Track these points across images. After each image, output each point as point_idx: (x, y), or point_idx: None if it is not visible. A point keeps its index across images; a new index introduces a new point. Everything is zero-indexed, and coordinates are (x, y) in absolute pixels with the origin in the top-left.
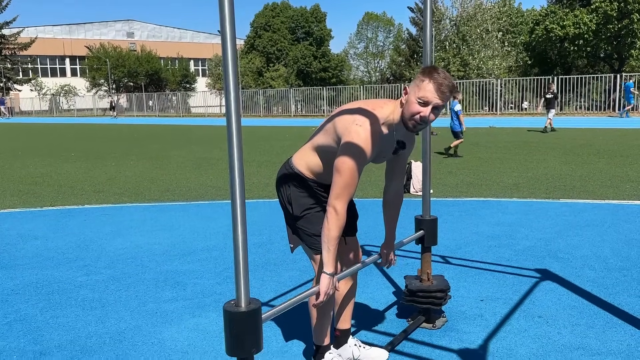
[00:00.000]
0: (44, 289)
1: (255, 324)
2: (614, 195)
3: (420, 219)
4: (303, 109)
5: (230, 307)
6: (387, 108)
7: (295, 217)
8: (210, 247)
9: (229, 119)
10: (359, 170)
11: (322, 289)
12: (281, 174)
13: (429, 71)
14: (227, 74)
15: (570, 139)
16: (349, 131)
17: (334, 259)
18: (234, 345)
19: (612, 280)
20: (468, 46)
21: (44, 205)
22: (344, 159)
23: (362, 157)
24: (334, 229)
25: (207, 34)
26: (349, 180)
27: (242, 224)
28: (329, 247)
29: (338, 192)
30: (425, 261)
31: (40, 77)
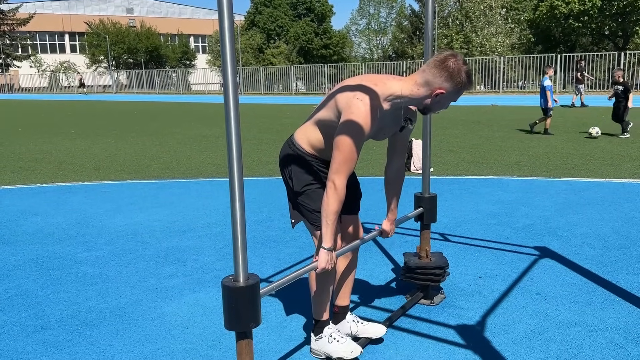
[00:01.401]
0: (44, 264)
1: (253, 298)
2: (615, 173)
3: (419, 196)
4: (304, 87)
5: (228, 282)
6: (392, 84)
7: (296, 193)
8: (210, 224)
9: (227, 95)
10: (359, 145)
11: (320, 264)
12: (284, 151)
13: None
14: (225, 51)
15: (572, 117)
16: (349, 105)
17: (332, 234)
18: (232, 320)
19: (611, 258)
20: (471, 23)
21: (44, 182)
22: (344, 134)
23: (362, 133)
24: (333, 204)
25: (207, 9)
26: (348, 155)
27: (240, 198)
28: (327, 221)
29: (337, 167)
30: (424, 238)
31: (40, 54)
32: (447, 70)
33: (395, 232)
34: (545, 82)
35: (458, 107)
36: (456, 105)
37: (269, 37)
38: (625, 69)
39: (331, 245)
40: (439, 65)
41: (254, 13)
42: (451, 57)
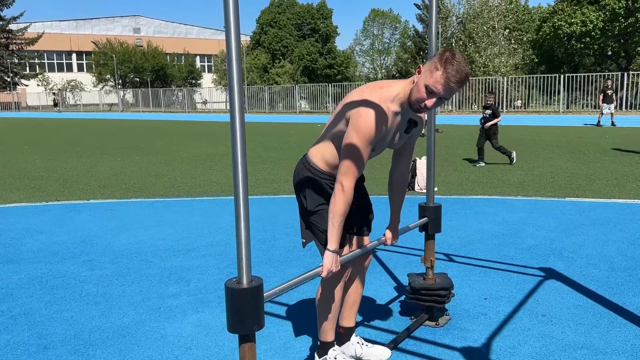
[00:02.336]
0: (48, 283)
1: (256, 301)
2: (620, 194)
3: (424, 206)
4: (308, 106)
5: (232, 284)
6: (396, 87)
7: (309, 212)
8: (214, 242)
9: (232, 112)
10: (367, 147)
11: (325, 266)
12: (298, 169)
13: (445, 60)
14: (231, 70)
15: (576, 137)
16: (357, 110)
17: (338, 235)
18: (235, 322)
19: (617, 279)
20: (474, 43)
21: (50, 200)
22: (352, 136)
23: (370, 134)
24: (340, 204)
25: (213, 30)
26: (356, 156)
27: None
28: (333, 222)
29: (346, 168)
30: (428, 249)
31: (47, 72)
32: (438, 55)
33: (400, 252)
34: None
35: (462, 127)
36: (460, 125)
37: (273, 57)
38: (629, 89)
39: (336, 247)
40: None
41: (260, 33)
42: (450, 50)
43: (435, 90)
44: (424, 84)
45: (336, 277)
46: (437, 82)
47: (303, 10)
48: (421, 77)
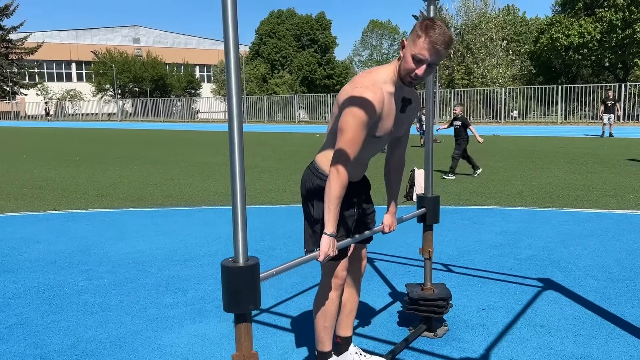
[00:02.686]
0: (45, 292)
1: (253, 279)
2: (618, 205)
3: (422, 196)
4: (307, 116)
5: (228, 263)
6: (385, 69)
7: (315, 220)
8: (212, 252)
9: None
10: (362, 129)
11: (322, 249)
12: (305, 175)
13: (425, 26)
14: (230, 80)
15: (574, 148)
16: (349, 95)
17: (334, 219)
18: (232, 302)
19: (615, 290)
20: (472, 55)
21: (47, 209)
22: (346, 118)
23: (364, 116)
24: (335, 188)
25: (212, 40)
26: (351, 138)
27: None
28: (329, 206)
29: (340, 152)
30: (427, 240)
31: (47, 82)
32: (418, 24)
33: (398, 262)
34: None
35: None
36: None
37: (272, 67)
38: (627, 100)
39: (333, 231)
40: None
41: (259, 44)
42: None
43: (422, 58)
44: (410, 54)
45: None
46: (422, 49)
47: (302, 21)
48: (406, 50)
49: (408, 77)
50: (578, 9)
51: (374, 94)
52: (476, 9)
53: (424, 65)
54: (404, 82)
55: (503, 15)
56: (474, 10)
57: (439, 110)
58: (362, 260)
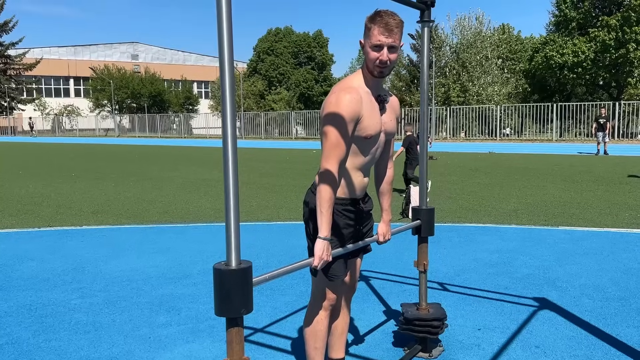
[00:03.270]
0: (37, 311)
1: (245, 283)
2: (613, 223)
3: (417, 208)
4: (304, 132)
5: (220, 266)
6: (355, 75)
7: (313, 238)
8: (207, 270)
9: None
10: (345, 129)
11: (316, 253)
12: (307, 196)
13: (371, 17)
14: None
15: (569, 166)
16: (327, 102)
17: (327, 223)
18: (223, 305)
19: (611, 310)
20: (468, 73)
21: (42, 226)
22: (327, 120)
23: (343, 116)
24: (324, 190)
25: (210, 57)
26: (334, 140)
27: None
28: (321, 209)
29: (327, 153)
30: (421, 252)
31: (44, 97)
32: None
33: (394, 281)
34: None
35: (456, 154)
36: (454, 152)
37: (270, 84)
38: (620, 118)
39: (327, 234)
40: None
41: (257, 61)
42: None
43: (381, 43)
44: (369, 47)
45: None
46: (378, 35)
47: (299, 39)
48: (365, 46)
49: (376, 67)
50: (572, 29)
51: (350, 94)
52: (471, 28)
53: (384, 49)
54: (374, 73)
55: (498, 34)
56: (469, 29)
57: (435, 127)
58: (355, 280)
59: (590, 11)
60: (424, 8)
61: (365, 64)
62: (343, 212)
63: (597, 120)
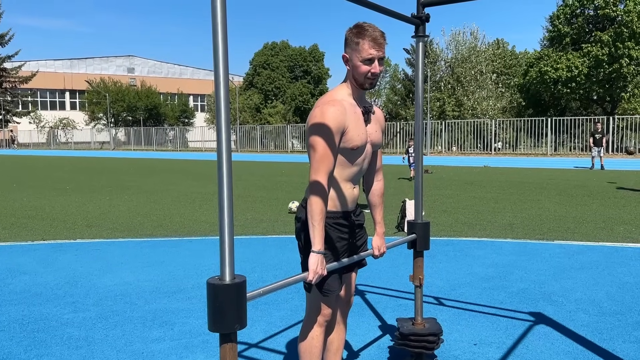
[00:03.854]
0: (29, 326)
1: (239, 298)
2: (608, 237)
3: (412, 222)
4: (299, 145)
5: (214, 281)
6: (339, 87)
7: (305, 252)
8: (201, 284)
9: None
10: (330, 140)
11: (310, 267)
12: (299, 211)
13: (357, 32)
14: (220, 112)
15: (563, 180)
16: (312, 115)
17: (320, 236)
18: (217, 321)
19: (607, 325)
20: (463, 87)
21: (35, 239)
22: (314, 133)
23: (329, 127)
24: (315, 203)
25: (207, 70)
26: (322, 152)
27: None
28: (313, 222)
29: (315, 166)
30: (417, 266)
31: (40, 110)
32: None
33: (389, 295)
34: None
35: (451, 168)
36: (449, 166)
37: (266, 97)
38: (614, 133)
39: (320, 247)
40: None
41: (253, 75)
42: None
43: (371, 57)
44: (359, 60)
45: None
46: (369, 49)
47: (295, 53)
48: (352, 60)
49: (367, 79)
50: (566, 44)
51: (334, 106)
52: (466, 43)
53: (375, 62)
54: (364, 86)
55: (493, 49)
56: (464, 44)
57: (431, 140)
58: (351, 295)
59: (583, 27)
60: (419, 23)
61: (352, 77)
62: (335, 226)
63: (593, 135)
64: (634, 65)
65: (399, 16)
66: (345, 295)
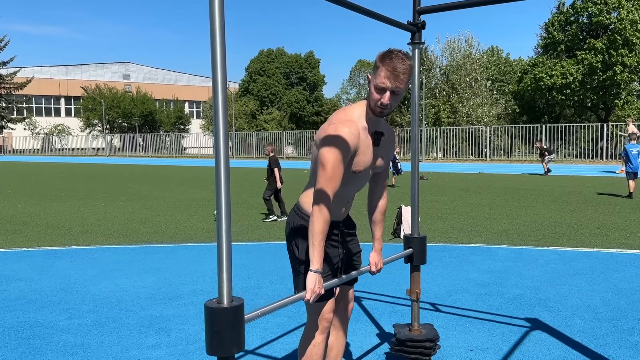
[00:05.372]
0: (24, 332)
1: (237, 321)
2: (603, 243)
3: (409, 236)
4: (295, 152)
5: (212, 304)
6: (358, 106)
7: (300, 261)
8: (197, 291)
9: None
10: (339, 163)
11: (308, 287)
12: (290, 217)
13: (382, 56)
14: (217, 119)
15: (559, 187)
16: (324, 131)
17: (319, 256)
18: (215, 344)
19: (602, 330)
20: (457, 94)
21: (30, 246)
22: (325, 154)
23: (341, 150)
24: (318, 223)
25: (202, 77)
26: (330, 172)
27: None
28: (313, 242)
29: (321, 185)
30: (414, 281)
31: (35, 117)
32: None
33: (386, 301)
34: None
35: (447, 174)
36: (445, 173)
37: (262, 104)
38: (608, 140)
39: (319, 267)
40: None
41: (248, 81)
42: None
43: (384, 86)
44: (373, 85)
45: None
46: (383, 78)
47: (291, 60)
48: (370, 82)
49: (377, 107)
50: (560, 51)
51: (349, 128)
52: (461, 50)
53: (387, 93)
54: (375, 113)
55: (487, 56)
56: (458, 52)
57: (426, 147)
58: (349, 302)
59: (577, 34)
60: (415, 30)
61: (368, 99)
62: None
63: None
64: (627, 72)
65: (395, 23)
66: (344, 304)
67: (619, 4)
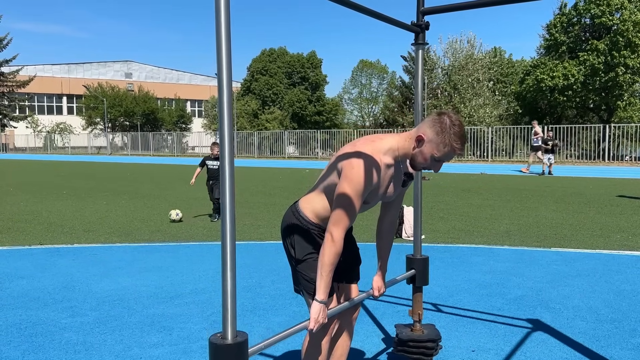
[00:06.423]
0: (27, 330)
1: (241, 357)
2: (605, 245)
3: (411, 258)
4: (297, 151)
5: (216, 340)
6: (388, 140)
7: (298, 261)
8: (199, 289)
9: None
10: (359, 198)
11: (312, 316)
12: (287, 219)
13: (458, 135)
14: (222, 117)
15: (560, 188)
16: (349, 161)
17: (326, 287)
18: None
19: (604, 332)
20: (459, 94)
21: (33, 244)
22: (344, 187)
23: (362, 186)
24: (330, 255)
25: (204, 76)
26: (348, 207)
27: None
28: (322, 272)
29: (336, 218)
30: (416, 302)
31: (37, 115)
32: (439, 123)
33: (388, 302)
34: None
35: (448, 175)
36: (446, 173)
37: (264, 103)
38: (611, 141)
39: (324, 298)
40: (434, 118)
41: (250, 80)
42: (448, 115)
43: (442, 159)
44: (431, 154)
45: (323, 329)
46: (444, 155)
47: (293, 60)
48: (426, 146)
49: (420, 166)
50: (562, 52)
51: (373, 164)
52: (463, 51)
53: (440, 164)
54: (414, 168)
55: (489, 57)
56: (460, 52)
57: None
58: (351, 295)
59: (580, 35)
60: (419, 31)
61: (416, 154)
62: (321, 236)
63: (545, 143)
64: (629, 73)
65: (399, 24)
66: (345, 299)
67: (622, 5)
